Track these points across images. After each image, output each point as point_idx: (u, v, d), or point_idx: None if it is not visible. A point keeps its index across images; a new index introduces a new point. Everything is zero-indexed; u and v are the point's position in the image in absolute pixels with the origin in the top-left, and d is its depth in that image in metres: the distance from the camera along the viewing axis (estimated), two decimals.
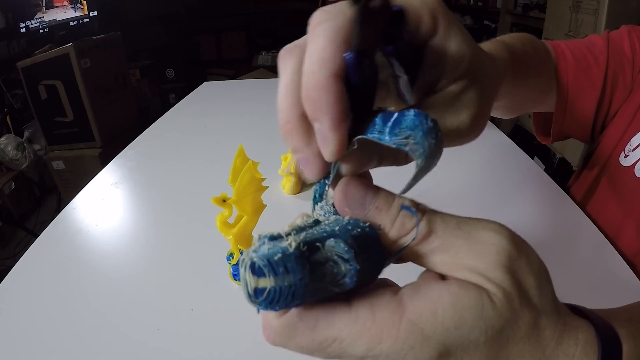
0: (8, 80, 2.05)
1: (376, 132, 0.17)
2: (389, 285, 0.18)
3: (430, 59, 0.20)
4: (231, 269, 0.41)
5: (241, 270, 0.14)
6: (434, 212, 0.17)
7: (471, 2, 3.05)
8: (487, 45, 0.32)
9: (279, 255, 0.14)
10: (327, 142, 0.17)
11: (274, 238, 0.15)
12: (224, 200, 0.37)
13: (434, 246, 0.16)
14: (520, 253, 0.16)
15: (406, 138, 0.15)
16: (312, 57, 0.17)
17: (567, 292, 0.39)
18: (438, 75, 0.20)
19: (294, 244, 0.14)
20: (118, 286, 0.42)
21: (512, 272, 0.16)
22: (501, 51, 0.32)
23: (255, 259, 0.14)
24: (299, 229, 0.16)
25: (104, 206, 0.57)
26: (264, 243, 0.15)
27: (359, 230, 0.16)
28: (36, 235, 0.51)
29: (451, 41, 0.20)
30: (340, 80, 0.16)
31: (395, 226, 0.17)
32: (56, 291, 0.42)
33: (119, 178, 0.64)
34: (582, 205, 0.51)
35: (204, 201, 0.38)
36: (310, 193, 0.56)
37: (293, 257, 0.14)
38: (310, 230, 0.16)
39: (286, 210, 0.54)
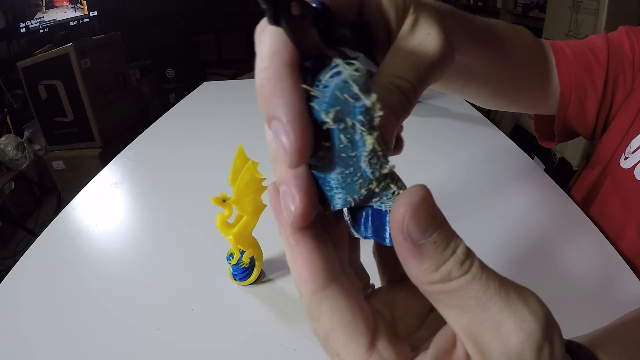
0: (8, 80, 2.05)
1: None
2: (414, 321, 0.18)
3: (370, 17, 0.20)
4: (231, 269, 0.41)
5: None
6: (482, 267, 0.15)
7: (471, 2, 3.05)
8: None
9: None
10: (288, 137, 0.14)
11: None
12: (224, 200, 0.37)
13: (467, 304, 0.14)
14: (545, 341, 0.14)
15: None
16: (261, 55, 0.15)
17: (567, 293, 0.39)
18: (385, 25, 0.20)
19: None
20: (118, 286, 0.42)
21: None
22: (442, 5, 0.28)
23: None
24: None
25: (104, 206, 0.57)
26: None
27: None
28: (36, 235, 0.51)
29: None
30: (294, 70, 0.15)
31: (441, 271, 0.14)
32: (56, 291, 0.42)
33: (119, 178, 0.64)
34: (583, 207, 0.51)
35: (204, 201, 0.38)
36: None
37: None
38: None
39: None
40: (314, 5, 0.18)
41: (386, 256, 0.21)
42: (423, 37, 0.20)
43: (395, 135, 0.19)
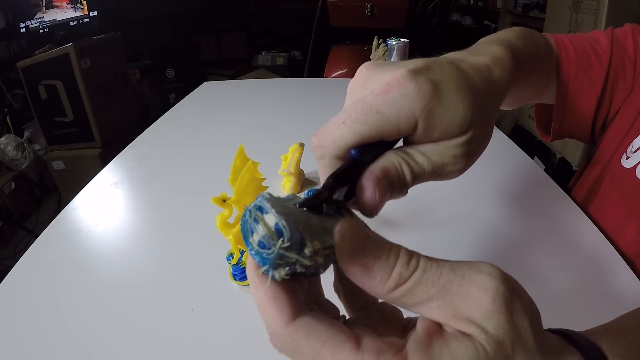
0: (8, 80, 2.05)
1: None
2: (396, 336, 0.19)
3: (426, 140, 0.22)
4: (231, 269, 0.41)
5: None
6: (429, 259, 0.17)
7: (471, 2, 3.06)
8: (492, 51, 0.27)
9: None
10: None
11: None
12: (224, 200, 0.37)
13: (430, 294, 0.16)
14: (514, 296, 0.16)
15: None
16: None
17: (567, 292, 0.39)
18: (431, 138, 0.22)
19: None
20: (118, 286, 0.42)
21: (507, 318, 0.16)
22: (507, 61, 0.27)
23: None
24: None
25: (104, 206, 0.57)
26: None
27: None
28: (36, 235, 0.51)
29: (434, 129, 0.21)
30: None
31: (393, 276, 0.17)
32: (56, 291, 0.42)
33: (119, 178, 0.64)
34: (584, 206, 0.51)
35: (204, 201, 0.38)
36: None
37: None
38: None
39: None
40: (352, 153, 0.21)
41: (349, 287, 0.21)
42: (448, 154, 0.22)
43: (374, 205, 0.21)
